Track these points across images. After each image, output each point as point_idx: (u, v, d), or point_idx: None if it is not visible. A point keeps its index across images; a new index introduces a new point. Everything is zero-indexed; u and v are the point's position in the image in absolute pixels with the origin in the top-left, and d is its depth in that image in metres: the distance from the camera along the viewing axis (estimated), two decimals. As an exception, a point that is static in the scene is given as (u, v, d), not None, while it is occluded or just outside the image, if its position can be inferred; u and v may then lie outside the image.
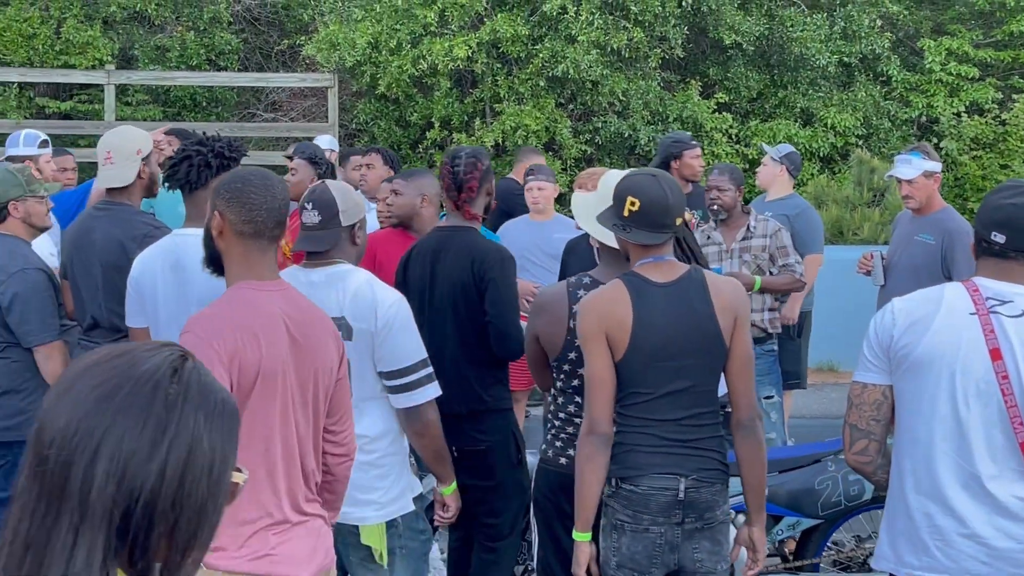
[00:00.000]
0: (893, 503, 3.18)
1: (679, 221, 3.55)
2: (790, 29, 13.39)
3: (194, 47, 13.28)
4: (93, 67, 12.64)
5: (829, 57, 13.42)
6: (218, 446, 1.34)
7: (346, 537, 3.77)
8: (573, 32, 12.46)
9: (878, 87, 14.09)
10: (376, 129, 13.28)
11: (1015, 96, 13.97)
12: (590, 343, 3.51)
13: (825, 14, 13.77)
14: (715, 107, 13.31)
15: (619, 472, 3.54)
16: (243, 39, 14.08)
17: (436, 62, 12.32)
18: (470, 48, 12.39)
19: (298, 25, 14.59)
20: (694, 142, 7.50)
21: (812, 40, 13.34)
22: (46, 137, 7.02)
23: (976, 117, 13.84)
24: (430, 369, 3.74)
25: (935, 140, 13.64)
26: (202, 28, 13.46)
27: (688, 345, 3.51)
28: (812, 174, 13.02)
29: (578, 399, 3.79)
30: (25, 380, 4.74)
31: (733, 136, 13.36)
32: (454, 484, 4.06)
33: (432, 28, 12.51)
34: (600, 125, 13.03)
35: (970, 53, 13.99)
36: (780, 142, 8.26)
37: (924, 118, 13.97)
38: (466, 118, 13.21)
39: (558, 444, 3.91)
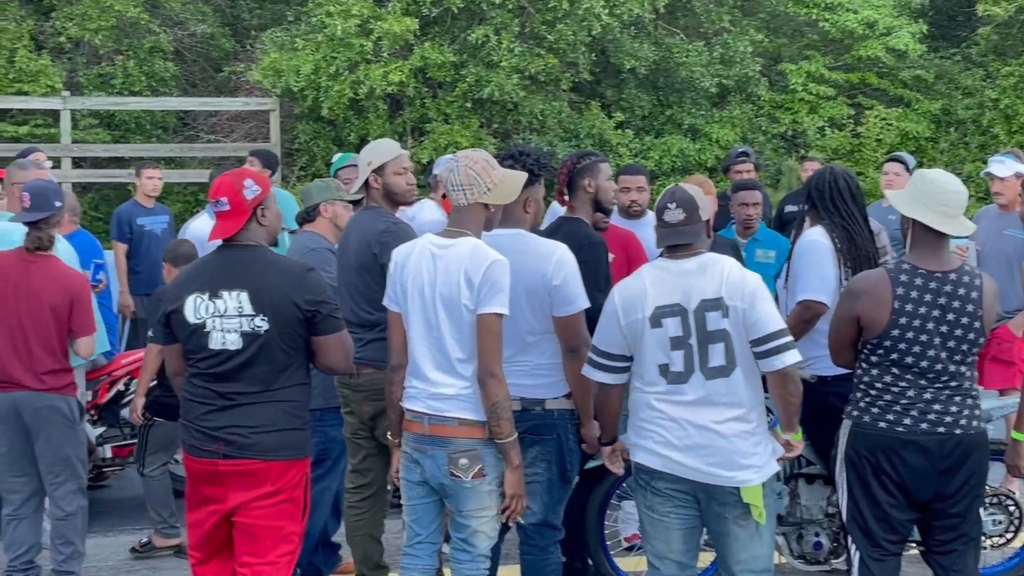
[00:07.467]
0: None
1: None
2: (676, 55, 15.21)
3: (136, 74, 14.12)
4: (46, 94, 13.36)
5: (711, 80, 15.29)
6: None
7: (724, 497, 4.17)
8: (495, 59, 13.93)
9: (750, 106, 16.06)
10: (316, 148, 14.38)
11: (865, 112, 16.18)
12: None
13: (704, 42, 15.66)
14: (615, 125, 14.99)
15: None
16: (180, 67, 14.98)
17: (374, 87, 13.59)
18: (402, 73, 13.71)
19: (223, 53, 15.58)
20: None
21: (695, 65, 15.19)
22: None
23: (837, 131, 15.98)
24: (791, 337, 4.16)
25: (803, 151, 15.68)
26: (142, 56, 14.31)
27: None
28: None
29: (894, 370, 4.31)
30: None
31: (633, 150, 15.04)
32: (800, 431, 4.51)
33: (368, 56, 13.76)
34: (520, 142, 14.50)
35: (825, 75, 16.13)
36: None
37: (791, 132, 16.02)
38: (397, 137, 14.48)
39: (875, 410, 4.35)
